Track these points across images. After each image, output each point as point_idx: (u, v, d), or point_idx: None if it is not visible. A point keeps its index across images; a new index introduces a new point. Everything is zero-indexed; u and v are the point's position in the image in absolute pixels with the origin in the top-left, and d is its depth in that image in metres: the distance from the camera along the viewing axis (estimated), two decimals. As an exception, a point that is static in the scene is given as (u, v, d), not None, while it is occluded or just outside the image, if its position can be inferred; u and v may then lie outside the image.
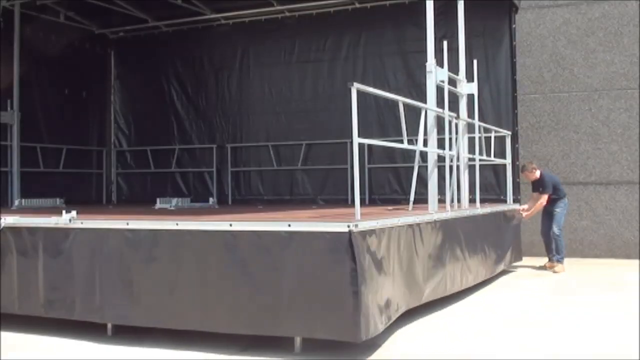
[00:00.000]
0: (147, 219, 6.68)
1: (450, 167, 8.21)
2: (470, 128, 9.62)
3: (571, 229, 12.43)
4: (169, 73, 14.82)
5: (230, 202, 13.93)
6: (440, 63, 8.19)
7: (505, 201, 11.06)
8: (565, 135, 12.61)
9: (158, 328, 6.23)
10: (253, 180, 14.13)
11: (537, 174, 10.85)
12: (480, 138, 9.77)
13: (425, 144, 7.74)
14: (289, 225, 5.70)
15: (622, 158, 12.22)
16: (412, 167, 8.05)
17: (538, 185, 10.84)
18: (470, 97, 9.56)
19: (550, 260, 10.86)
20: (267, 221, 5.99)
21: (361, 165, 8.25)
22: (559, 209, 10.76)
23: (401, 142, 7.33)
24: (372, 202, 12.70)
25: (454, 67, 8.91)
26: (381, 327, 5.72)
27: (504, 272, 10.59)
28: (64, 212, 6.71)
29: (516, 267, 11.10)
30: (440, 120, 8.11)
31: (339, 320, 5.40)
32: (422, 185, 9.01)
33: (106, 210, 10.53)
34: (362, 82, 7.23)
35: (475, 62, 9.91)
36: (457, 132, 8.61)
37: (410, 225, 6.67)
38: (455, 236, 8.01)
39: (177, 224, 6.16)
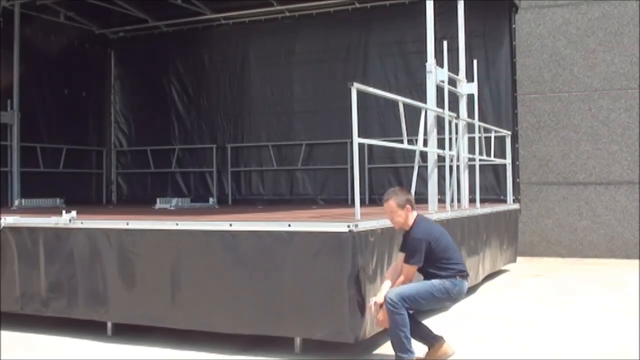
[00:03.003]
0: (147, 219, 6.69)
1: (450, 167, 8.20)
2: (470, 128, 9.62)
3: (571, 229, 12.44)
4: (169, 73, 14.83)
5: (230, 202, 13.94)
6: (440, 63, 8.20)
7: (505, 201, 11.06)
8: (565, 135, 12.61)
9: (158, 328, 6.24)
10: (253, 180, 14.13)
11: (410, 218, 5.40)
12: (480, 138, 9.77)
13: (425, 144, 7.74)
14: (289, 225, 5.70)
15: (622, 158, 12.22)
16: (412, 167, 8.05)
17: (405, 244, 5.44)
18: (470, 97, 9.55)
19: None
20: (267, 221, 5.99)
21: (361, 165, 8.26)
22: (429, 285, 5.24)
23: (401, 142, 7.33)
24: (372, 202, 12.69)
25: (454, 68, 8.91)
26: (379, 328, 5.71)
27: (502, 272, 10.60)
28: (64, 212, 6.72)
29: (515, 267, 11.10)
30: (440, 120, 8.11)
31: (337, 321, 5.40)
32: (422, 185, 8.99)
33: (106, 210, 10.53)
34: (363, 82, 7.23)
35: (475, 62, 9.91)
36: (457, 132, 8.61)
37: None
38: (456, 236, 7.99)
39: (177, 224, 6.16)
